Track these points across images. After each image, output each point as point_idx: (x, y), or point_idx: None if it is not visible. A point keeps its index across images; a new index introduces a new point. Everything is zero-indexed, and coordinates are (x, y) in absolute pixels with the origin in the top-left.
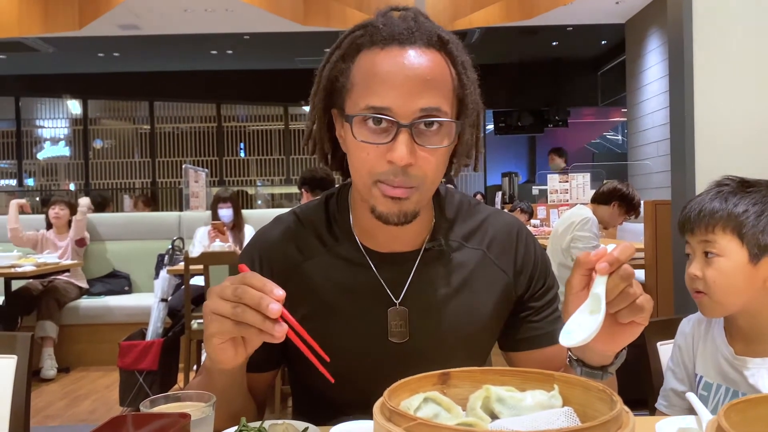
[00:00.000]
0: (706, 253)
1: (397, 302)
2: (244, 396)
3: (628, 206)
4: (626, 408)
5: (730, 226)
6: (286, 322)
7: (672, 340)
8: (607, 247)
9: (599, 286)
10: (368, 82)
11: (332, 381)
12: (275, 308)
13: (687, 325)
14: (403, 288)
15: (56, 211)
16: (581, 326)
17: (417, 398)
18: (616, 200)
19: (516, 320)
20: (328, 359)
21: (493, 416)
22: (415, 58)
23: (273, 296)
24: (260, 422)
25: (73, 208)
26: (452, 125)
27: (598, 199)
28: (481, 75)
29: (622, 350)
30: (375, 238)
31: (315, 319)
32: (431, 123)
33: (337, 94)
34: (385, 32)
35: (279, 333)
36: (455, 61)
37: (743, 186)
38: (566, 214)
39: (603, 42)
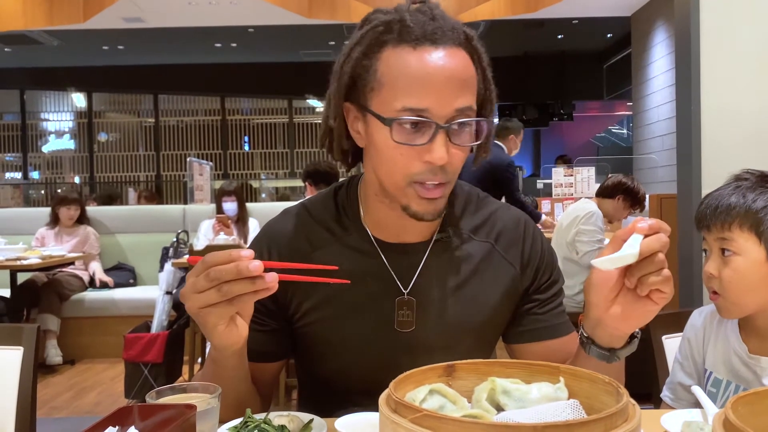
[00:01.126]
0: (723, 251)
1: (405, 292)
2: (249, 384)
3: (633, 200)
4: (632, 401)
5: (748, 224)
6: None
7: (677, 334)
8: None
9: (635, 240)
10: (404, 82)
11: (348, 282)
12: (256, 264)
13: (698, 318)
14: (411, 278)
15: (71, 213)
16: (616, 254)
17: (422, 390)
18: (620, 194)
19: (520, 312)
20: (336, 267)
21: (499, 408)
22: (449, 58)
23: (245, 256)
24: (265, 414)
25: (83, 205)
26: (480, 122)
27: (603, 193)
28: None
29: (633, 339)
30: (386, 230)
31: (324, 309)
32: (464, 123)
33: (357, 90)
34: (416, 31)
35: (272, 281)
36: (480, 57)
37: (763, 180)
38: (570, 208)
39: (608, 35)
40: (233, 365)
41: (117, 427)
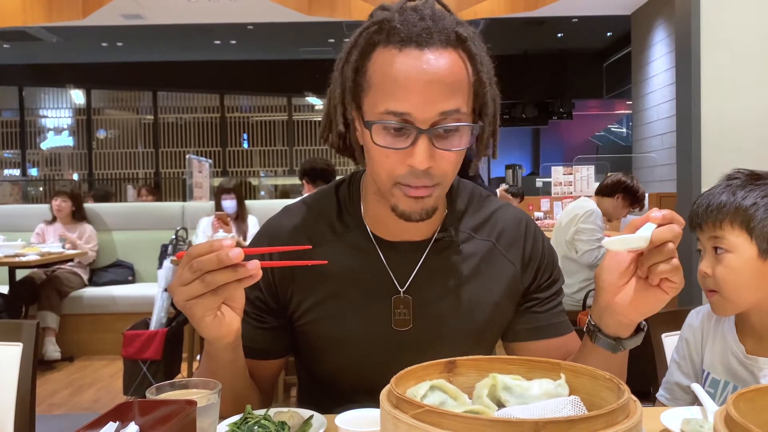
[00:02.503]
0: (716, 249)
1: (401, 290)
2: (246, 380)
3: (633, 198)
4: (633, 397)
5: (738, 220)
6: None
7: (676, 332)
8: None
9: (647, 229)
10: (387, 85)
11: (326, 262)
12: (236, 252)
13: (696, 318)
14: (409, 276)
15: (58, 203)
16: (625, 237)
17: (423, 386)
18: (620, 192)
19: (519, 311)
20: (309, 246)
21: (500, 404)
22: (434, 61)
23: (226, 245)
24: (265, 410)
25: (75, 198)
26: (469, 127)
27: (603, 192)
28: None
29: (639, 331)
30: (386, 227)
31: (324, 307)
32: (450, 127)
33: (354, 90)
34: (403, 32)
35: (254, 269)
36: (473, 58)
37: (752, 179)
38: (570, 207)
39: (609, 34)
40: (227, 360)
41: (117, 423)
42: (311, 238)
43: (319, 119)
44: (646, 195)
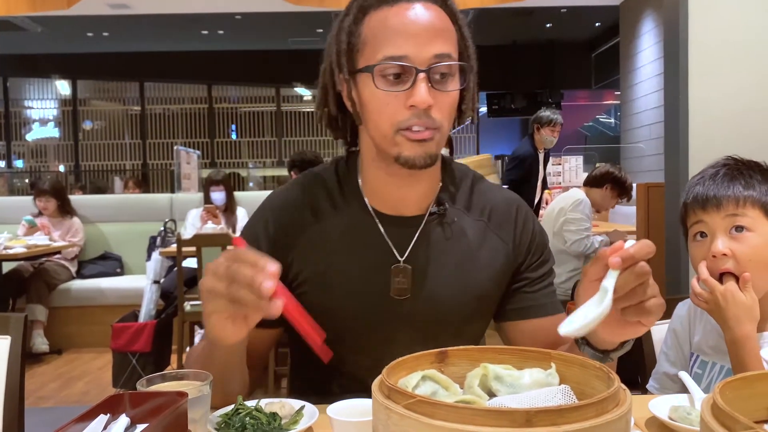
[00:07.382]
0: (733, 229)
1: (401, 260)
2: (242, 372)
3: (621, 189)
4: (623, 386)
5: (760, 203)
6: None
7: (664, 321)
8: (625, 243)
9: (609, 279)
10: (383, 35)
11: (326, 362)
12: (268, 286)
13: (683, 308)
14: (407, 247)
15: (42, 204)
16: (585, 316)
17: (415, 376)
18: (608, 183)
19: (510, 291)
20: (324, 335)
21: (491, 394)
22: (424, 11)
23: (266, 273)
24: (257, 401)
25: (58, 193)
26: (459, 72)
27: (591, 182)
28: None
29: (626, 341)
30: (384, 201)
31: (323, 276)
32: (444, 71)
33: (346, 58)
34: None
35: (274, 310)
36: (455, 16)
37: (757, 166)
38: (559, 197)
39: (597, 24)
40: (220, 357)
41: (108, 415)
42: (312, 211)
43: (308, 110)
44: (634, 186)
